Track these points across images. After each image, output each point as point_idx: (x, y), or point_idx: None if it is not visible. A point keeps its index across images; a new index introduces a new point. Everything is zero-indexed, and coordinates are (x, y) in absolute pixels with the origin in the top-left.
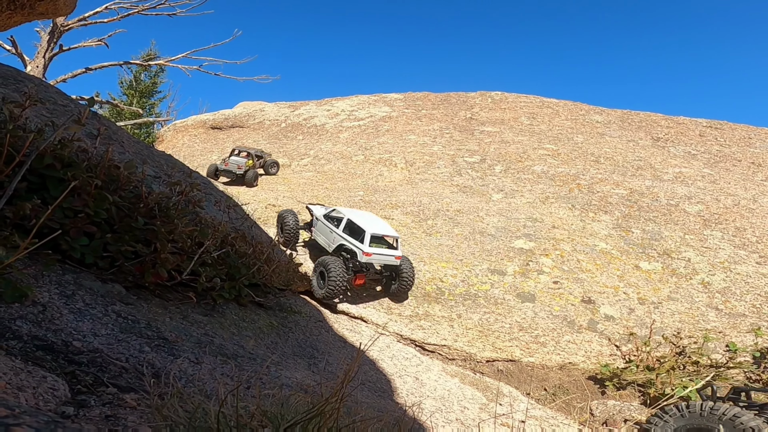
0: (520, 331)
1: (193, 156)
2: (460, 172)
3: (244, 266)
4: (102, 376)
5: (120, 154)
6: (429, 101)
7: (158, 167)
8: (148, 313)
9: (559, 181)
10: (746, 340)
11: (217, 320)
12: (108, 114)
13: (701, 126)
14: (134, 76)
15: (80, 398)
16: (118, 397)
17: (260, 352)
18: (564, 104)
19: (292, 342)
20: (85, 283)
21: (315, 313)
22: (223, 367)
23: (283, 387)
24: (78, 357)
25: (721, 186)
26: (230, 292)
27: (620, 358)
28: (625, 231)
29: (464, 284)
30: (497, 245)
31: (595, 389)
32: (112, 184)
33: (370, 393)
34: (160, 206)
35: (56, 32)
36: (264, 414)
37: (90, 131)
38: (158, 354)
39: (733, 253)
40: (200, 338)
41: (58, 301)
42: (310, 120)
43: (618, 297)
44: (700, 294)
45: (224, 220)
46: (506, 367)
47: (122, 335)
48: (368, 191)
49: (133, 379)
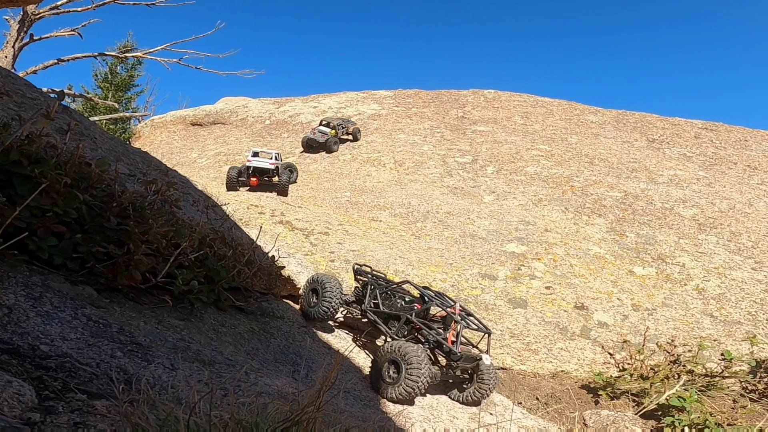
0: (512, 338)
1: (172, 153)
2: (451, 172)
3: (223, 269)
4: (71, 382)
5: (92, 151)
6: (420, 99)
7: (133, 165)
8: (121, 316)
9: (553, 182)
10: (742, 349)
11: (194, 325)
12: (81, 108)
13: (696, 127)
14: (110, 68)
15: (48, 404)
16: (88, 404)
17: (240, 358)
18: (558, 103)
19: (274, 348)
20: (53, 285)
21: (298, 319)
22: (199, 373)
23: (262, 395)
24: (46, 362)
25: (717, 189)
26: (209, 296)
27: (614, 366)
28: (619, 235)
29: (454, 289)
30: (488, 249)
31: (589, 398)
32: (82, 183)
33: (354, 401)
34: (135, 206)
35: (27, 21)
36: (238, 422)
37: (60, 126)
38: (131, 359)
39: (729, 259)
40: (176, 343)
41: (25, 304)
42: (295, 117)
43: (612, 303)
44: (694, 300)
45: (203, 221)
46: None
47: (93, 339)
48: (355, 192)
49: (103, 385)
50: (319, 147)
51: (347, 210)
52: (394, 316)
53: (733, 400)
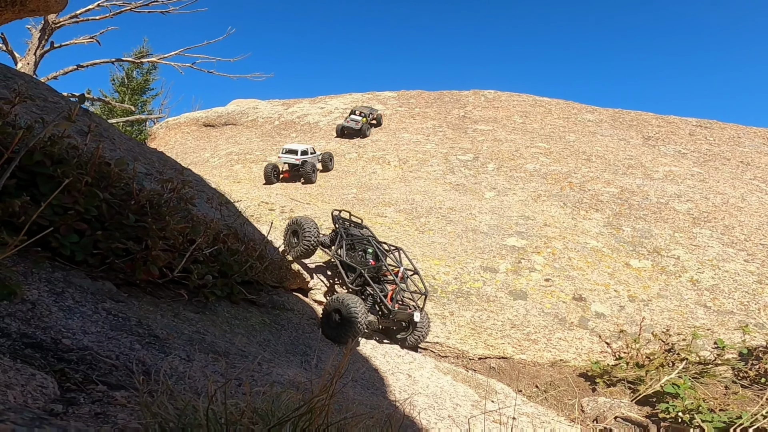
0: (512, 328)
1: (186, 153)
2: (453, 170)
3: (236, 263)
4: (92, 374)
5: (111, 151)
6: (422, 99)
7: (150, 164)
8: (139, 310)
9: (551, 179)
10: (734, 338)
11: (208, 318)
12: (99, 111)
13: (691, 125)
14: (126, 73)
15: (69, 396)
16: (108, 395)
17: (252, 349)
18: (556, 103)
19: (285, 339)
20: (74, 281)
21: (308, 311)
22: (214, 364)
23: (275, 384)
24: (67, 355)
25: (711, 185)
26: (222, 290)
27: (611, 355)
28: (615, 229)
29: (456, 282)
30: (489, 243)
31: (586, 386)
32: (102, 181)
33: (362, 390)
34: (152, 203)
35: (47, 29)
36: (254, 411)
37: (80, 128)
38: (149, 351)
39: (722, 251)
40: (191, 336)
41: (48, 299)
42: (303, 118)
43: (609, 294)
44: (689, 291)
45: (216, 218)
46: (498, 364)
47: (112, 333)
48: (361, 189)
49: (123, 376)
50: (354, 133)
51: (353, 206)
52: (353, 268)
53: (725, 387)
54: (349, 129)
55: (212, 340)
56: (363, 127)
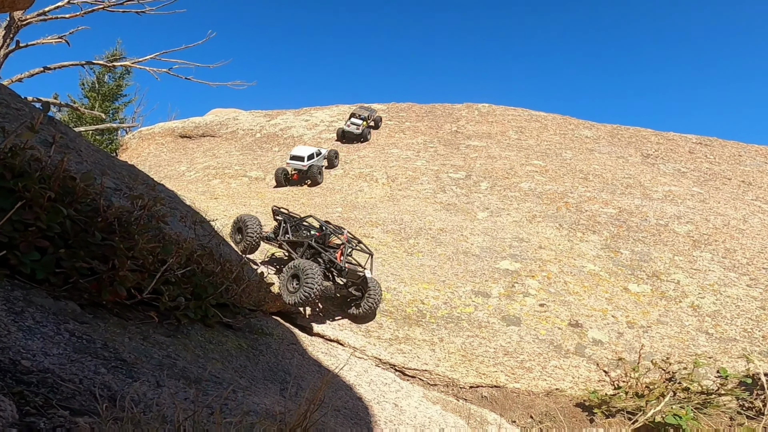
0: (505, 355)
1: (160, 166)
2: (444, 188)
3: (211, 285)
4: (53, 398)
5: (77, 164)
6: (413, 113)
7: (119, 179)
8: (105, 332)
9: (547, 199)
10: (738, 366)
11: (180, 341)
12: (67, 118)
13: (691, 142)
14: (97, 77)
15: (29, 420)
16: (70, 421)
17: (227, 375)
18: (553, 118)
19: (263, 365)
20: (35, 300)
21: (288, 336)
22: (185, 391)
23: (250, 413)
24: (27, 377)
25: (711, 205)
26: (196, 312)
27: (609, 384)
28: (613, 252)
29: (447, 306)
30: (482, 266)
31: (584, 417)
32: (67, 197)
33: (345, 420)
34: (120, 221)
35: (13, 27)
36: None
37: (45, 138)
38: (115, 376)
39: (723, 276)
40: (162, 360)
41: (6, 318)
42: (287, 131)
43: (606, 320)
44: (689, 317)
45: (190, 237)
46: (491, 393)
47: (76, 355)
48: (347, 207)
49: (86, 401)
50: (354, 138)
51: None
52: (300, 243)
53: (730, 418)
54: (349, 134)
55: (184, 365)
56: (364, 131)
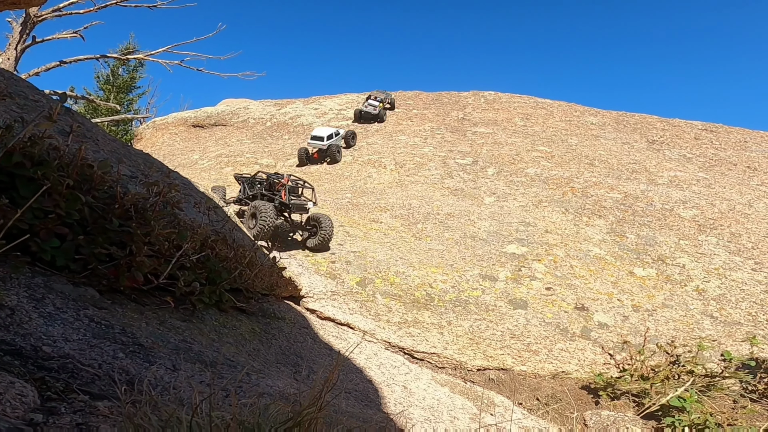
0: (512, 338)
1: (173, 155)
2: (452, 174)
3: (224, 270)
4: (73, 383)
5: (94, 153)
6: (420, 100)
7: (135, 167)
8: (123, 318)
9: (553, 184)
10: (742, 349)
11: (196, 326)
12: (83, 110)
13: (696, 129)
14: (111, 70)
15: (50, 405)
16: (90, 405)
17: (241, 359)
18: (558, 105)
19: (276, 349)
20: (55, 287)
21: (300, 320)
22: (201, 374)
23: (264, 395)
24: (48, 363)
25: (716, 190)
26: (210, 297)
27: (614, 366)
28: (619, 236)
29: (454, 290)
30: (489, 250)
31: (589, 399)
32: (85, 184)
33: (355, 402)
34: (137, 207)
35: (29, 23)
36: (240, 424)
37: (62, 128)
38: (133, 360)
39: (728, 260)
40: (178, 344)
41: (27, 305)
42: (296, 119)
43: (612, 304)
44: (694, 301)
45: (204, 223)
46: (497, 375)
47: (95, 340)
48: (356, 193)
49: (105, 386)
50: (371, 118)
51: (348, 211)
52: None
53: (734, 401)
54: (367, 114)
55: (199, 349)
56: (380, 112)
